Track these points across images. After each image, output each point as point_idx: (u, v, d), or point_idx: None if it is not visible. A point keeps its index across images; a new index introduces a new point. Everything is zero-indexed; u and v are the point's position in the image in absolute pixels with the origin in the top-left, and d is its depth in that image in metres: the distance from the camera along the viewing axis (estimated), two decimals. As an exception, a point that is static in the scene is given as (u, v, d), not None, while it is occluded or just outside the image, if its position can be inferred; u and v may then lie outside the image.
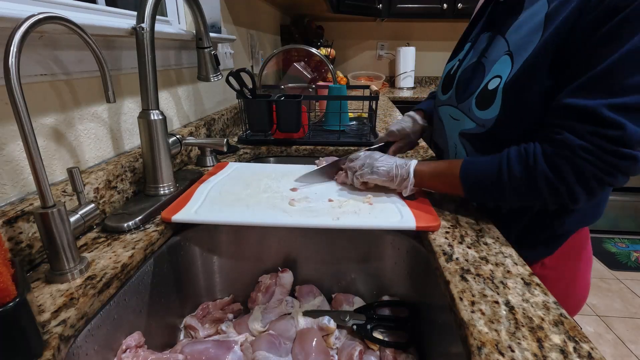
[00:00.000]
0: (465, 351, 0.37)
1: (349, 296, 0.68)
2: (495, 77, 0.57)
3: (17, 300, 0.32)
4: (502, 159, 0.52)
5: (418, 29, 2.90)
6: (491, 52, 0.61)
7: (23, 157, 0.50)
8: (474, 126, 0.61)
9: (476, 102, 0.60)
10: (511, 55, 0.56)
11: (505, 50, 0.57)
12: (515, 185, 0.51)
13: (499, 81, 0.56)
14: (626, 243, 2.34)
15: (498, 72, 0.57)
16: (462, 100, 0.64)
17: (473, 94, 0.61)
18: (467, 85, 0.64)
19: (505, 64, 0.56)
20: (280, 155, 1.05)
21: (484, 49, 0.63)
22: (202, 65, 0.82)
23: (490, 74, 0.58)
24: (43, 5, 0.56)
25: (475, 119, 0.60)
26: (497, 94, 0.56)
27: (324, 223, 0.58)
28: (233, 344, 0.55)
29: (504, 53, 0.57)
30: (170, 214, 0.60)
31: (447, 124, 0.71)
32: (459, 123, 0.65)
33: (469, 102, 0.62)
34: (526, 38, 0.54)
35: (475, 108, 0.60)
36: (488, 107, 0.57)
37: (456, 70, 0.69)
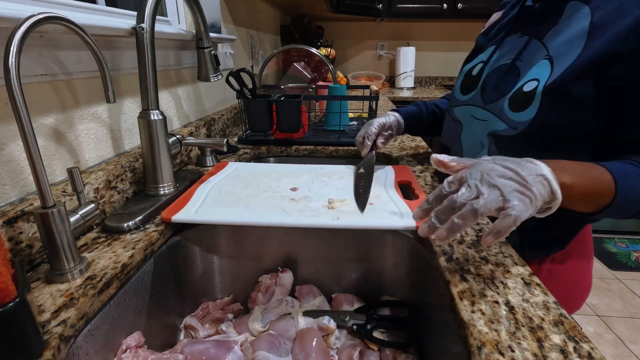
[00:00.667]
0: (465, 351, 0.37)
1: (349, 296, 0.68)
2: (532, 80, 0.56)
3: (17, 300, 0.32)
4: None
5: (418, 29, 2.90)
6: (526, 55, 0.60)
7: (23, 157, 0.50)
8: (505, 127, 0.59)
9: (509, 104, 0.59)
10: (551, 60, 0.55)
11: (544, 55, 0.57)
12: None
13: (536, 84, 0.55)
14: (626, 243, 2.34)
15: (535, 76, 0.56)
16: (490, 101, 0.63)
17: (505, 95, 0.60)
18: (497, 87, 0.62)
19: (544, 68, 0.55)
20: (280, 155, 1.05)
21: (519, 53, 0.62)
22: (202, 65, 0.82)
23: (527, 76, 0.58)
24: (43, 5, 0.56)
25: (507, 121, 0.59)
26: (534, 97, 0.55)
27: (324, 223, 0.58)
28: (233, 344, 0.55)
29: (543, 57, 0.56)
30: (170, 214, 0.60)
31: (467, 124, 0.69)
32: (486, 123, 0.63)
33: (500, 103, 0.61)
34: (568, 45, 0.53)
35: (508, 109, 0.59)
36: (524, 109, 0.56)
37: (480, 72, 0.68)
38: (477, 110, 0.66)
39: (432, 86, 3.01)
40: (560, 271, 0.66)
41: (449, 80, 2.99)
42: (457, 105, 0.72)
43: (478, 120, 0.66)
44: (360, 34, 2.96)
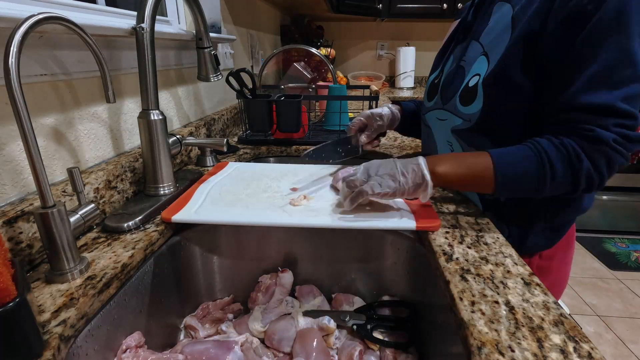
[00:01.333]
0: (465, 351, 0.37)
1: (349, 296, 0.68)
2: (475, 76, 0.62)
3: (17, 300, 0.32)
4: (541, 157, 0.53)
5: (418, 29, 2.90)
6: (468, 55, 0.67)
7: (23, 157, 0.50)
8: (461, 122, 0.65)
9: (460, 100, 0.65)
10: (487, 55, 0.62)
11: (480, 52, 0.63)
12: (557, 183, 0.53)
13: (478, 78, 0.61)
14: (626, 243, 2.34)
15: (477, 71, 0.62)
16: (447, 101, 0.69)
17: (456, 93, 0.66)
18: (450, 87, 0.69)
19: (482, 63, 0.62)
20: (280, 155, 1.05)
21: (462, 55, 0.69)
22: (202, 65, 0.82)
23: (470, 73, 0.64)
24: (43, 5, 0.56)
25: (461, 115, 0.65)
26: (477, 90, 0.61)
27: (324, 223, 0.58)
28: (233, 344, 0.55)
29: (480, 54, 0.63)
30: (170, 214, 0.60)
31: (434, 127, 0.75)
32: (447, 122, 0.69)
33: (453, 101, 0.67)
34: (497, 38, 0.60)
35: (459, 105, 0.65)
36: (471, 102, 0.62)
37: (439, 79, 0.75)
38: (440, 112, 0.72)
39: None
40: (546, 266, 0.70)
41: (449, 80, 2.99)
42: (426, 112, 0.78)
43: (441, 121, 0.72)
44: (360, 34, 2.96)
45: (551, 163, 0.52)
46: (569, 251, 0.74)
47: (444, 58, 0.78)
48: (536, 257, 0.69)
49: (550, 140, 0.53)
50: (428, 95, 0.78)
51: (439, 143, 0.75)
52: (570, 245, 0.73)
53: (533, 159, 0.53)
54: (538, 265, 0.69)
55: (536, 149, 0.53)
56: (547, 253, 0.69)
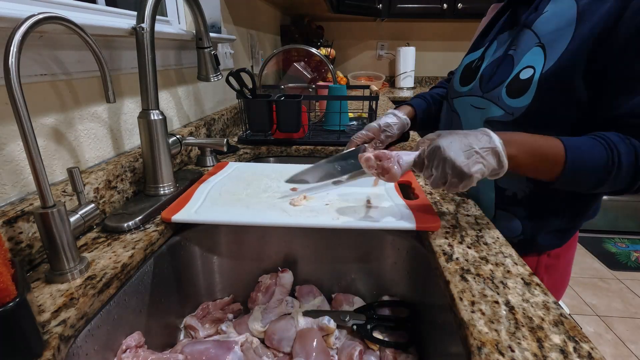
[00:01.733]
0: (465, 351, 0.37)
1: (349, 296, 0.68)
2: (528, 68, 0.59)
3: (17, 300, 0.32)
4: (611, 149, 0.51)
5: (418, 29, 2.90)
6: (519, 44, 0.63)
7: (23, 157, 0.50)
8: (502, 113, 0.62)
9: (507, 91, 0.61)
10: (543, 47, 0.58)
11: (535, 42, 0.59)
12: (619, 179, 0.52)
13: (532, 72, 0.58)
14: (626, 243, 2.34)
15: (530, 63, 0.59)
16: (489, 90, 0.66)
17: (503, 82, 0.63)
18: (495, 75, 0.65)
19: (537, 55, 0.58)
20: (280, 155, 1.05)
21: (511, 42, 0.65)
22: (202, 65, 0.82)
23: (521, 64, 0.60)
24: (43, 5, 0.56)
25: (505, 107, 0.61)
26: (531, 84, 0.57)
27: (324, 223, 0.58)
28: (233, 344, 0.55)
29: (535, 44, 0.59)
30: (170, 214, 0.60)
31: (464, 114, 0.72)
32: (483, 111, 0.66)
33: (498, 90, 0.63)
34: (558, 32, 0.57)
35: (505, 96, 0.61)
36: (520, 95, 0.59)
37: (478, 65, 0.71)
38: (476, 99, 0.68)
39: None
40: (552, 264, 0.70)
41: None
42: (457, 96, 0.74)
43: (476, 109, 0.68)
44: (360, 34, 2.96)
45: (620, 157, 0.50)
46: (573, 251, 0.74)
47: (484, 41, 0.74)
48: (544, 255, 0.69)
49: (617, 135, 0.52)
50: (462, 80, 0.74)
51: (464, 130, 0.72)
52: (574, 245, 0.73)
53: (603, 150, 0.51)
54: (546, 263, 0.69)
55: (605, 141, 0.51)
56: (555, 252, 0.69)
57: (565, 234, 0.68)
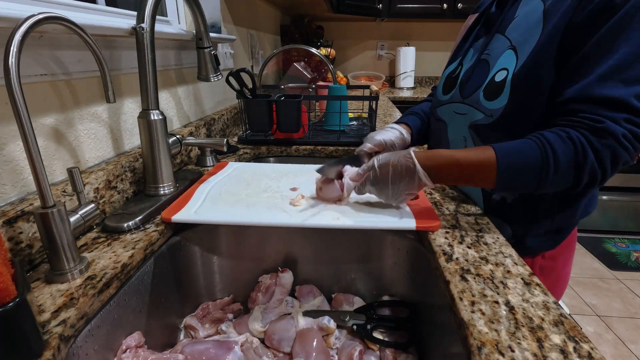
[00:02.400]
0: (465, 351, 0.37)
1: (349, 296, 0.68)
2: (502, 70, 0.61)
3: (17, 300, 0.32)
4: (545, 148, 0.51)
5: (418, 29, 2.90)
6: (493, 48, 0.66)
7: (23, 157, 0.50)
8: (482, 117, 0.63)
9: (484, 94, 0.63)
10: (515, 49, 0.60)
11: (507, 46, 0.62)
12: (560, 177, 0.52)
13: (506, 73, 0.59)
14: (626, 243, 2.34)
15: (504, 65, 0.61)
16: (468, 95, 0.67)
17: (480, 87, 0.64)
18: (472, 81, 0.67)
19: (510, 57, 0.60)
20: (280, 155, 1.05)
21: (484, 48, 0.67)
22: (202, 65, 0.82)
23: (496, 67, 0.62)
24: (43, 5, 0.56)
25: (484, 110, 0.63)
26: (505, 85, 0.59)
27: (324, 223, 0.58)
28: (233, 344, 0.55)
29: (507, 48, 0.62)
30: (170, 214, 0.60)
31: (450, 121, 0.73)
32: (466, 116, 0.67)
33: (476, 94, 0.65)
34: (527, 33, 0.59)
35: (483, 99, 0.63)
36: (496, 97, 0.60)
37: (458, 73, 0.73)
38: (458, 105, 0.70)
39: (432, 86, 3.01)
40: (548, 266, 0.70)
41: (449, 80, 2.99)
42: (440, 105, 0.76)
43: (459, 115, 0.70)
44: (360, 34, 2.96)
45: (555, 155, 0.51)
46: (571, 251, 0.74)
47: (462, 51, 0.76)
48: (539, 257, 0.69)
49: (556, 133, 0.52)
50: (444, 89, 0.76)
51: (452, 138, 0.73)
52: (572, 245, 0.73)
53: (537, 150, 0.52)
54: (541, 265, 0.69)
55: (540, 141, 0.52)
56: (550, 253, 0.69)
57: (557, 235, 0.68)
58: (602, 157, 0.50)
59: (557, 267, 0.71)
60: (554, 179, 0.52)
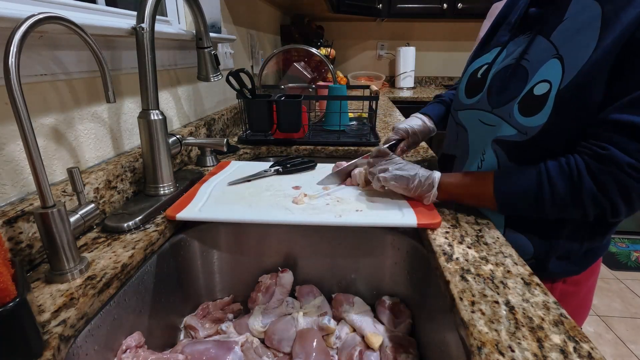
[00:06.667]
0: (465, 351, 0.37)
1: (349, 296, 0.68)
2: (543, 82, 0.53)
3: (17, 300, 0.32)
4: (541, 174, 0.51)
5: (418, 29, 2.90)
6: (533, 54, 0.57)
7: (23, 157, 0.50)
8: (515, 133, 0.55)
9: (519, 108, 0.55)
10: (561, 59, 0.51)
11: (552, 53, 0.53)
12: (557, 201, 0.50)
13: (549, 87, 0.51)
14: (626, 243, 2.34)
15: (545, 77, 0.52)
16: (499, 105, 0.60)
17: (515, 98, 0.56)
18: (505, 89, 0.59)
19: (554, 68, 0.52)
20: (280, 155, 1.05)
21: (523, 51, 0.58)
22: (202, 65, 0.82)
23: (536, 77, 0.54)
24: (43, 5, 0.56)
25: (517, 126, 0.55)
26: (547, 101, 0.51)
27: (326, 220, 0.58)
28: (233, 344, 0.55)
29: (552, 56, 0.53)
30: (174, 211, 0.60)
31: (473, 130, 0.67)
32: (494, 129, 0.60)
33: (509, 106, 0.57)
34: (579, 41, 0.50)
35: (518, 114, 0.55)
36: (535, 113, 0.52)
37: (485, 74, 0.65)
38: (485, 114, 0.63)
39: (432, 86, 3.01)
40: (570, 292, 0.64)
41: (449, 80, 2.99)
42: (462, 109, 0.69)
43: (485, 125, 0.63)
44: (360, 34, 2.96)
45: (551, 180, 0.49)
46: (595, 275, 0.68)
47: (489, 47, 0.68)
48: (560, 282, 0.63)
49: (557, 160, 0.50)
50: (468, 91, 0.68)
51: (473, 147, 0.67)
52: (596, 269, 0.67)
53: (533, 175, 0.51)
54: (562, 290, 0.63)
55: (539, 167, 0.51)
56: (573, 279, 0.63)
57: (583, 260, 0.61)
58: (605, 186, 0.47)
59: (579, 294, 0.65)
60: (553, 205, 0.50)
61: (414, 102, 2.38)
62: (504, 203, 0.55)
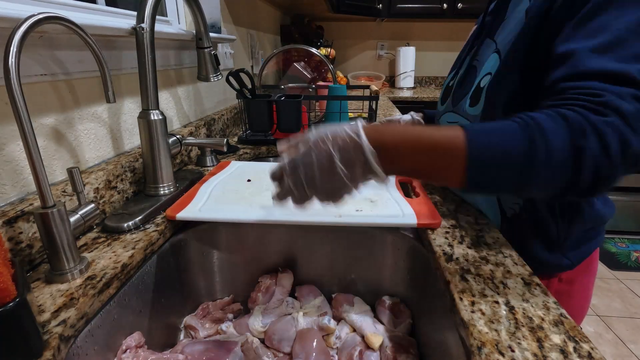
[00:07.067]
0: (465, 351, 0.37)
1: (349, 296, 0.68)
2: (487, 75, 0.58)
3: (17, 300, 0.32)
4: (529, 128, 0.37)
5: (418, 29, 2.90)
6: (481, 54, 0.63)
7: (23, 157, 0.50)
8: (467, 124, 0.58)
9: (470, 102, 0.61)
10: (499, 52, 0.57)
11: (493, 49, 0.59)
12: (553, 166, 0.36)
13: (490, 77, 0.57)
14: (626, 243, 2.34)
15: (488, 70, 0.58)
16: (457, 103, 0.66)
17: (467, 94, 0.62)
18: (461, 89, 0.66)
19: (494, 61, 0.57)
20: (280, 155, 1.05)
21: (474, 54, 0.66)
22: (202, 65, 0.82)
23: (482, 72, 0.60)
24: (43, 5, 0.56)
25: (467, 117, 0.61)
26: (484, 89, 0.57)
27: (327, 220, 0.58)
28: (233, 344, 0.55)
29: (493, 51, 0.59)
30: (174, 211, 0.60)
31: None
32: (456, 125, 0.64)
33: (463, 102, 0.63)
34: (510, 33, 0.55)
35: (467, 106, 0.61)
36: (477, 103, 0.58)
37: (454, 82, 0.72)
38: (450, 115, 0.68)
39: (432, 86, 3.01)
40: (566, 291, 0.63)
41: (449, 80, 2.99)
42: (440, 116, 0.74)
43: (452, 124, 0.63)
44: (360, 34, 2.96)
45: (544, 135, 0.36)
46: (591, 275, 0.67)
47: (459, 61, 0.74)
48: (555, 280, 0.62)
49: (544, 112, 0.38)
50: (442, 99, 0.75)
51: None
52: (592, 268, 0.66)
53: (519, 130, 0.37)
54: (557, 289, 0.63)
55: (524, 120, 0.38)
56: (567, 276, 0.62)
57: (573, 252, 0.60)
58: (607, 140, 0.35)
59: (575, 293, 0.64)
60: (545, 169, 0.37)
61: (414, 102, 2.38)
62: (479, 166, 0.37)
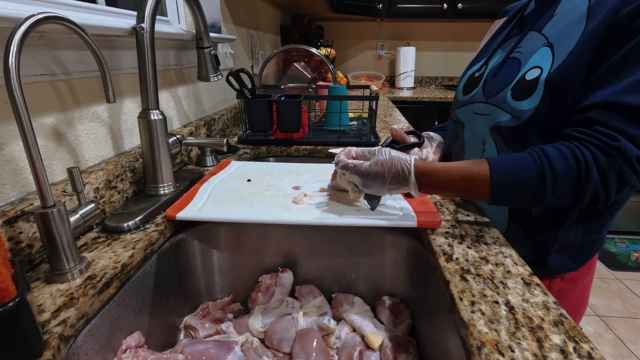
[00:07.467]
0: (465, 351, 0.37)
1: (349, 296, 0.68)
2: (535, 68, 0.56)
3: (17, 300, 0.32)
4: (542, 165, 0.48)
5: (418, 29, 2.90)
6: (525, 46, 0.61)
7: (23, 157, 0.50)
8: (509, 118, 0.58)
9: (512, 93, 0.58)
10: (551, 47, 0.55)
11: (543, 43, 0.57)
12: (558, 196, 0.48)
13: (539, 72, 0.55)
14: (626, 243, 2.34)
15: (537, 63, 0.56)
16: (493, 94, 0.63)
17: (508, 85, 0.59)
18: (499, 79, 0.63)
19: (545, 55, 0.55)
20: (280, 155, 1.05)
21: (516, 44, 0.62)
22: (202, 65, 0.82)
23: (528, 64, 0.57)
24: (43, 5, 0.56)
25: (510, 110, 0.58)
26: (538, 84, 0.54)
27: (327, 220, 0.58)
28: (233, 344, 0.55)
29: (543, 45, 0.57)
30: (174, 211, 0.60)
31: (468, 123, 0.69)
32: (488, 118, 0.63)
33: (503, 94, 0.60)
34: (567, 30, 0.54)
35: (511, 99, 0.58)
36: (527, 97, 0.55)
37: (482, 72, 0.69)
38: (480, 106, 0.65)
39: (432, 86, 3.01)
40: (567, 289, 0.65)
41: (449, 80, 2.99)
42: (459, 106, 0.72)
43: (480, 116, 0.65)
44: (360, 34, 2.96)
45: (554, 172, 0.47)
46: (591, 276, 0.68)
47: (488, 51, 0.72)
48: (558, 279, 0.63)
49: (559, 149, 0.48)
50: (465, 89, 0.71)
51: (469, 141, 0.68)
52: (593, 267, 0.67)
53: (533, 167, 0.48)
54: (559, 288, 0.64)
55: (539, 156, 0.48)
56: (570, 275, 0.64)
57: (580, 254, 0.62)
58: (608, 179, 0.46)
59: (576, 291, 0.66)
60: (552, 198, 0.48)
61: (414, 102, 2.38)
62: (499, 195, 0.50)
